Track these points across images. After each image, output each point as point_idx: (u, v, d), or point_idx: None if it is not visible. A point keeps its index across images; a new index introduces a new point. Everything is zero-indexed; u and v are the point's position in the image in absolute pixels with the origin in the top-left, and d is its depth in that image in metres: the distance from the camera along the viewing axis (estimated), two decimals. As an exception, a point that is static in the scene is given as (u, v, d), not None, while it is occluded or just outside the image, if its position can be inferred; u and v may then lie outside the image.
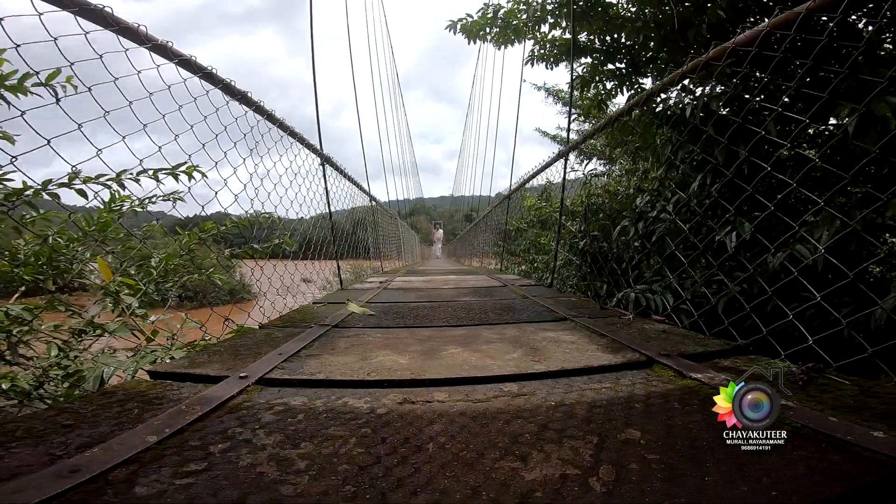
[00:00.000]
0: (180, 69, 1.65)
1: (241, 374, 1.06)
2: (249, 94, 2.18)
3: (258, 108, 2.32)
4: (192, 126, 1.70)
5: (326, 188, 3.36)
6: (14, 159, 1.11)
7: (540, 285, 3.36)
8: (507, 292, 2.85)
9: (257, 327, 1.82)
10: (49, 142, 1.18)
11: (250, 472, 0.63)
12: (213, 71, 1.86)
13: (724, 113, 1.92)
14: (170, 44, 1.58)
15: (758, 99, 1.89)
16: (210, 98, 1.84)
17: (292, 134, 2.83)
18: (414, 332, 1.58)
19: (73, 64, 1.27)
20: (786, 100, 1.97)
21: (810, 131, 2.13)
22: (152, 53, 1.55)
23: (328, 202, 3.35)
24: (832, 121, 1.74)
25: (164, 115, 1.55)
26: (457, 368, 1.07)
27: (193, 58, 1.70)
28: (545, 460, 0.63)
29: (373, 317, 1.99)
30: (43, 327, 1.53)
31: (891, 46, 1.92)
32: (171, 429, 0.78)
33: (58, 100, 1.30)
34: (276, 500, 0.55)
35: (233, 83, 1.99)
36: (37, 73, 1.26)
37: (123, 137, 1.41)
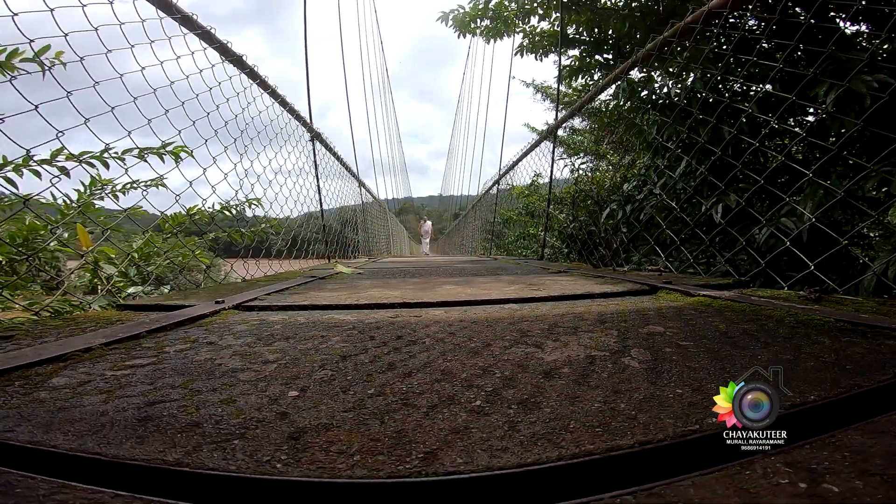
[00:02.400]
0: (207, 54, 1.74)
1: (217, 300, 0.90)
2: (266, 78, 2.21)
3: (273, 93, 2.33)
4: (217, 107, 1.72)
5: (315, 162, 3.16)
6: (60, 134, 1.05)
7: (531, 259, 3.25)
8: (500, 263, 2.73)
9: (240, 280, 1.65)
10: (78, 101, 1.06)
11: (205, 365, 0.48)
12: (244, 58, 1.94)
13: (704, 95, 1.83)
14: (213, 30, 1.70)
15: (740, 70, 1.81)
16: (241, 79, 1.97)
17: (283, 103, 2.64)
18: (407, 280, 1.44)
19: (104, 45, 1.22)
20: (768, 87, 1.89)
21: (791, 121, 2.05)
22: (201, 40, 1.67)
23: (317, 175, 3.15)
24: (811, 119, 1.69)
25: (198, 94, 1.59)
26: (453, 297, 0.94)
27: (229, 43, 1.86)
28: (564, 346, 0.50)
29: (362, 275, 1.84)
30: (17, 305, 1.33)
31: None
32: (126, 334, 0.62)
33: (45, 73, 1.15)
34: (230, 385, 0.41)
35: (256, 68, 2.09)
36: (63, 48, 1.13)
37: (167, 111, 1.40)
